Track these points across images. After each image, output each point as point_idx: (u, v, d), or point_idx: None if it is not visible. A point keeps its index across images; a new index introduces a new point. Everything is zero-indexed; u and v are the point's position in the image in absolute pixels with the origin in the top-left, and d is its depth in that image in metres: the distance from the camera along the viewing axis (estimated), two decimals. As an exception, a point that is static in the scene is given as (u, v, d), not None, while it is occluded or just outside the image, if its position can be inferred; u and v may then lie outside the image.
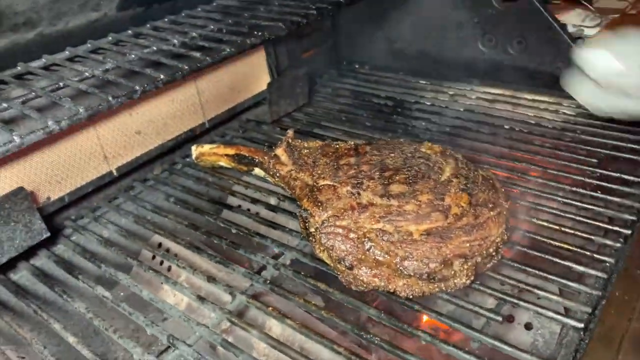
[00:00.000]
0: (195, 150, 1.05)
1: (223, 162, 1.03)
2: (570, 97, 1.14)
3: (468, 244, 0.69)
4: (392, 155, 0.85)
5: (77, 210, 0.99)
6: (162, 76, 0.73)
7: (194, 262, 0.88)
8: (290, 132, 0.98)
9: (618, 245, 0.76)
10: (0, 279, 0.84)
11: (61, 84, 0.79)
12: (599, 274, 0.71)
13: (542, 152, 1.00)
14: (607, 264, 0.73)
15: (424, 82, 1.34)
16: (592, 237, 0.78)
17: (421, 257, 0.68)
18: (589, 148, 0.99)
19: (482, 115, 1.17)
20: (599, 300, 0.67)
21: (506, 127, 1.11)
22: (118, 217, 0.98)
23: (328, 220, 0.74)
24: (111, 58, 0.88)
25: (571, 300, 0.68)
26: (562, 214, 0.84)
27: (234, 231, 0.89)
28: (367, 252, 0.70)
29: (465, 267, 0.68)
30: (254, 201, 0.96)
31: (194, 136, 1.12)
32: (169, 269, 0.96)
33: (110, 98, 0.69)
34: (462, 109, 1.20)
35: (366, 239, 0.71)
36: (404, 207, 0.73)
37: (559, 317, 0.66)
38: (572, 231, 0.79)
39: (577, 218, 0.82)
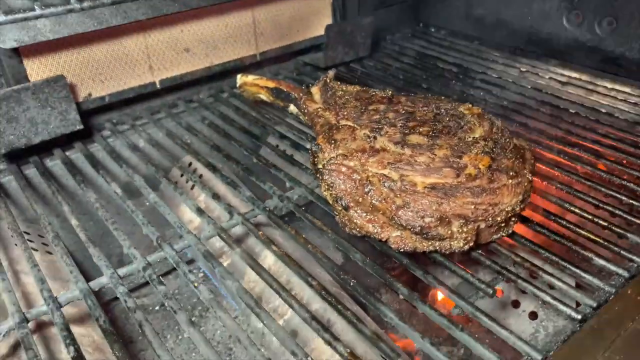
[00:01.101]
0: (240, 78, 1.05)
1: (263, 95, 1.02)
2: (656, 91, 1.01)
3: (472, 206, 0.63)
4: (425, 108, 0.79)
5: (120, 115, 1.03)
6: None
7: (209, 181, 0.89)
8: (330, 73, 0.95)
9: (652, 246, 0.66)
10: (35, 161, 0.90)
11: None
12: (620, 271, 0.63)
13: (603, 142, 0.89)
14: (635, 264, 0.64)
15: (496, 53, 1.25)
16: (628, 235, 0.69)
17: (418, 209, 0.63)
18: (659, 146, 0.88)
19: (548, 95, 1.07)
20: (609, 297, 0.59)
21: (571, 111, 1.01)
22: (155, 130, 1.01)
23: (336, 157, 0.71)
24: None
25: (579, 291, 0.61)
26: (601, 204, 0.75)
27: (253, 160, 0.89)
28: (365, 195, 0.66)
29: (465, 229, 0.63)
30: (283, 137, 0.95)
31: (243, 66, 1.12)
32: (193, 187, 0.98)
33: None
34: (529, 87, 1.11)
35: (367, 182, 0.67)
36: (416, 158, 0.68)
37: (557, 303, 0.59)
38: (605, 223, 0.71)
39: (617, 212, 0.73)
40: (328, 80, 0.92)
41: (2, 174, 0.89)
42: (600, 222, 0.71)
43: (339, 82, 0.93)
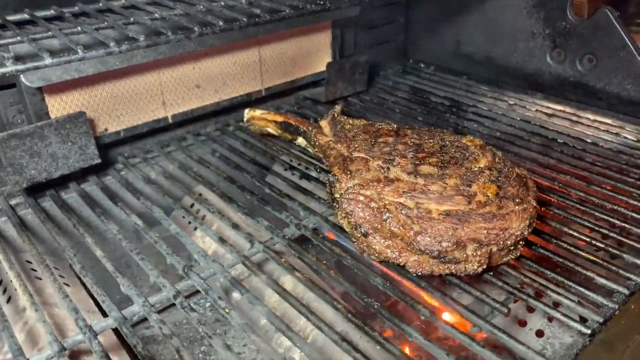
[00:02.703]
0: (247, 113, 1.10)
1: (270, 129, 1.07)
2: (633, 122, 1.10)
3: (485, 231, 0.68)
4: (431, 141, 0.85)
5: (131, 149, 1.06)
6: (220, 23, 0.78)
7: (226, 212, 0.92)
8: (337, 107, 1.00)
9: (649, 263, 0.72)
10: (52, 195, 0.92)
11: (132, 19, 0.85)
12: (621, 289, 0.68)
13: (591, 169, 0.96)
14: (633, 282, 0.70)
15: (485, 88, 1.33)
16: (625, 256, 0.75)
17: (435, 235, 0.68)
18: (642, 173, 0.95)
19: (537, 127, 1.14)
20: (614, 312, 0.64)
21: (559, 141, 1.08)
22: (166, 163, 1.05)
23: (353, 187, 0.76)
24: (180, 5, 0.95)
25: (586, 309, 0.66)
26: (598, 229, 0.81)
27: (266, 190, 0.93)
28: (384, 222, 0.71)
29: (479, 253, 0.67)
30: (293, 168, 0.99)
31: (250, 101, 1.17)
32: (204, 217, 1.01)
33: (169, 33, 0.75)
34: (518, 119, 1.18)
35: (385, 210, 0.72)
36: (429, 187, 0.73)
37: (567, 320, 0.64)
38: (602, 245, 0.77)
39: (613, 236, 0.79)
40: (336, 115, 0.98)
41: (20, 207, 0.91)
42: (597, 243, 0.77)
43: (345, 116, 0.99)
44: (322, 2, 0.96)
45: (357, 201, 0.74)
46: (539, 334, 0.79)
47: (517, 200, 0.72)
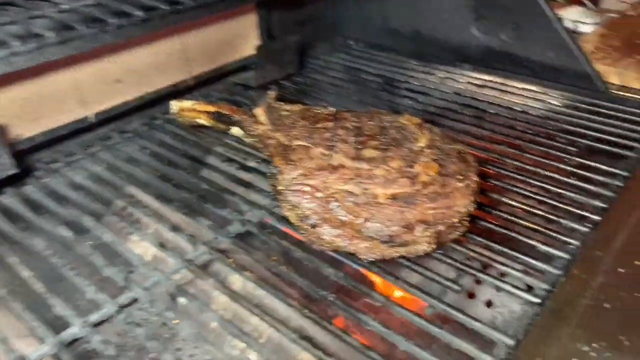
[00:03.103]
0: (175, 104, 1.04)
1: (202, 119, 1.02)
2: (557, 88, 1.14)
3: (431, 211, 0.68)
4: (370, 122, 0.84)
5: (51, 153, 0.98)
6: (139, 12, 0.72)
7: (164, 213, 0.87)
8: (272, 93, 0.97)
9: (585, 229, 0.75)
10: (-37, 212, 0.83)
11: (37, 13, 0.77)
12: (563, 254, 0.71)
13: (523, 137, 0.99)
14: (572, 246, 0.73)
15: (415, 63, 1.33)
16: (562, 221, 0.78)
17: (384, 220, 0.67)
18: (570, 137, 0.99)
19: (468, 99, 1.16)
20: (558, 278, 0.67)
21: (491, 111, 1.11)
22: (92, 165, 0.97)
23: (297, 178, 0.74)
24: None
25: (532, 277, 0.68)
26: (534, 196, 0.83)
27: (204, 186, 0.89)
28: (332, 212, 0.69)
29: (427, 233, 0.68)
30: (230, 160, 0.95)
31: (177, 92, 1.11)
32: (138, 221, 0.95)
33: (82, 27, 0.68)
34: (450, 92, 1.20)
35: (332, 199, 0.70)
36: (373, 171, 0.72)
37: (517, 291, 0.65)
38: (542, 213, 0.79)
39: (549, 202, 0.82)
40: (271, 101, 0.94)
41: None
42: (535, 211, 0.80)
43: (280, 102, 0.96)
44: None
45: (302, 192, 0.72)
46: (489, 304, 0.81)
47: (459, 177, 0.73)
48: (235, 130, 0.97)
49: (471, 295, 0.84)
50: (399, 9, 1.35)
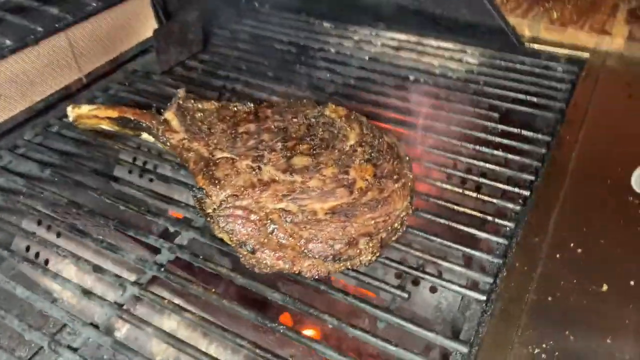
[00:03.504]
0: (71, 111, 0.91)
1: (105, 126, 0.91)
2: (473, 44, 1.13)
3: (373, 221, 0.66)
4: (295, 120, 0.79)
5: None
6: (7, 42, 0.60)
7: (80, 251, 0.79)
8: (181, 92, 0.88)
9: (517, 208, 0.77)
10: None
11: None
12: (500, 240, 0.72)
13: (446, 108, 0.98)
14: (508, 228, 0.74)
15: (328, 25, 1.26)
16: (494, 200, 0.78)
17: (326, 239, 0.64)
18: (491, 101, 0.99)
19: (387, 65, 1.12)
20: (499, 268, 0.68)
21: (411, 78, 1.08)
22: (-17, 195, 0.85)
23: (227, 200, 0.68)
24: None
25: (473, 270, 0.68)
26: (466, 175, 0.83)
27: (122, 208, 0.80)
28: (270, 235, 0.65)
29: (371, 244, 0.66)
30: (144, 171, 0.87)
31: (71, 94, 0.98)
32: (47, 262, 0.85)
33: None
34: (367, 58, 1.15)
35: (269, 221, 0.66)
36: (307, 184, 0.68)
37: (461, 289, 0.66)
38: (474, 194, 0.79)
39: (480, 180, 0.82)
40: (181, 102, 0.85)
41: None
42: (470, 193, 0.79)
43: (192, 100, 0.87)
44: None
45: (234, 217, 0.67)
46: (432, 289, 0.81)
47: (395, 177, 0.70)
48: (146, 136, 0.88)
49: (416, 282, 0.84)
50: (304, -36, 1.25)
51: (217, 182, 0.70)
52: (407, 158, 0.75)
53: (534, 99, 0.98)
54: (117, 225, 0.76)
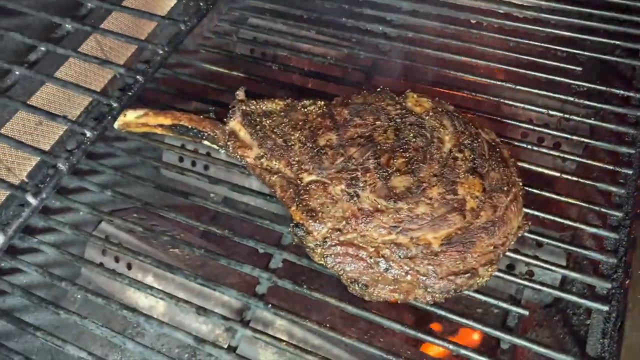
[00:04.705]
0: (118, 120, 0.83)
1: (160, 132, 0.83)
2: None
3: (492, 247, 0.62)
4: (379, 123, 0.71)
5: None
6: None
7: (173, 288, 0.76)
8: (240, 94, 0.79)
9: (622, 192, 0.72)
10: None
11: None
12: (612, 234, 0.69)
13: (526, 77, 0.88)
14: (614, 217, 0.70)
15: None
16: (597, 185, 0.74)
17: (446, 275, 0.61)
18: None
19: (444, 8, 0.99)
20: (615, 269, 0.66)
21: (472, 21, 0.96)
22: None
23: (330, 237, 0.64)
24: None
25: (590, 275, 0.66)
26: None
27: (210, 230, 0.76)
28: (385, 274, 0.62)
29: (490, 270, 0.63)
30: (215, 181, 0.81)
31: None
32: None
33: None
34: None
35: (381, 259, 0.62)
36: (414, 211, 0.63)
37: (583, 301, 0.64)
38: (577, 179, 0.74)
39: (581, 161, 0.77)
40: (245, 107, 0.77)
41: None
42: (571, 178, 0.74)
43: (253, 101, 0.78)
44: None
45: (343, 255, 0.63)
46: (530, 274, 0.80)
47: (505, 189, 0.65)
48: (209, 143, 0.81)
49: (511, 268, 0.82)
50: None
51: (314, 214, 0.65)
52: (512, 159, 0.69)
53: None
54: (207, 254, 0.73)
